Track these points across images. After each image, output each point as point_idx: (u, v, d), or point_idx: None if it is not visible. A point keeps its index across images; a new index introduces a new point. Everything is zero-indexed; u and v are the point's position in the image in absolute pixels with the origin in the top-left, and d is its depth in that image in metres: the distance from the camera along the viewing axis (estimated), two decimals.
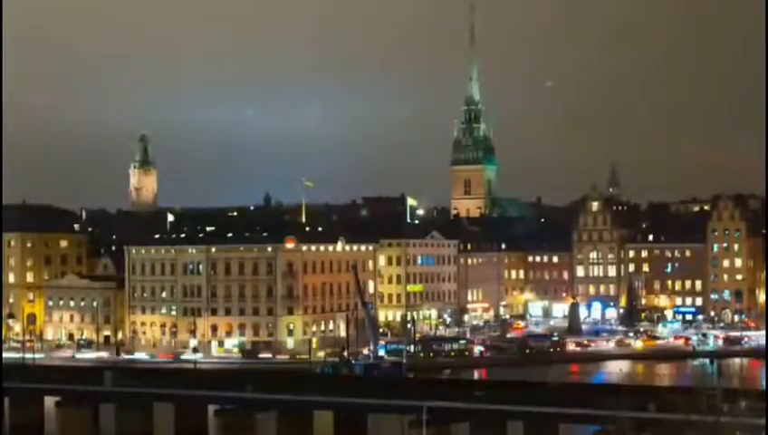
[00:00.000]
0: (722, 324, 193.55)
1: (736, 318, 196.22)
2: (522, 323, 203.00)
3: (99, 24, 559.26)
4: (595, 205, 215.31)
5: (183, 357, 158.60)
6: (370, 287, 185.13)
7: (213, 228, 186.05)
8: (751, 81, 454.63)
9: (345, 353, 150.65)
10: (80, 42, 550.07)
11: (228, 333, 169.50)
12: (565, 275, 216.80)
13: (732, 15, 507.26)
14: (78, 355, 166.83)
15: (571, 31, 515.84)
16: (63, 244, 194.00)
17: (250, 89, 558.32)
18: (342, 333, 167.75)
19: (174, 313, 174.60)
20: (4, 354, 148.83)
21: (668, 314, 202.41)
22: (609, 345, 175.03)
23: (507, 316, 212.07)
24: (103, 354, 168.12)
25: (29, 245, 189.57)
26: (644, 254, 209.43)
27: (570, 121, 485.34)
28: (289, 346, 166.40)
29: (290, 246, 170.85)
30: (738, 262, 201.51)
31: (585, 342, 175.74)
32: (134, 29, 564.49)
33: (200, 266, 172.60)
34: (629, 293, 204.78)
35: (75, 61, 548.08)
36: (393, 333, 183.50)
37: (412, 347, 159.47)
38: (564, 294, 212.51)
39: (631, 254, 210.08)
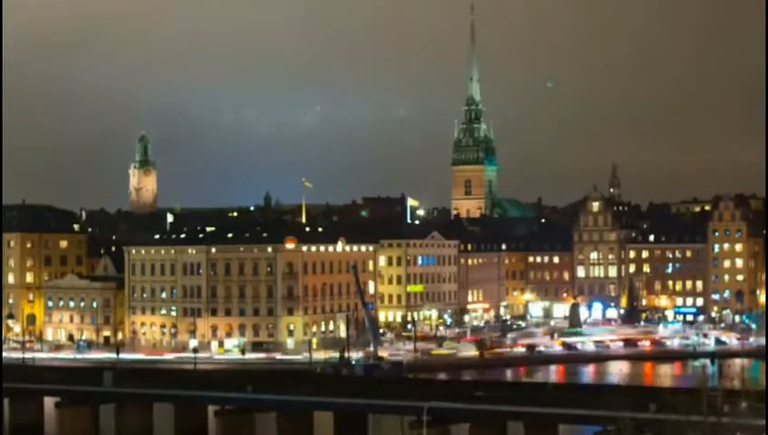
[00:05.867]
0: (722, 325, 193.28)
1: (737, 319, 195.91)
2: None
3: (99, 24, 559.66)
4: (596, 205, 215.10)
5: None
6: (371, 288, 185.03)
7: (213, 228, 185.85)
8: (752, 81, 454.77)
9: (346, 354, 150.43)
10: (80, 42, 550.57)
11: (228, 334, 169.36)
12: (566, 275, 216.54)
13: (733, 16, 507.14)
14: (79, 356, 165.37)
15: (571, 31, 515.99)
16: (63, 244, 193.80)
17: (250, 89, 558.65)
18: (342, 334, 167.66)
19: (174, 313, 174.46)
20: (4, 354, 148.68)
21: (669, 314, 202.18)
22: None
23: (508, 317, 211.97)
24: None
25: (29, 245, 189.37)
26: (645, 254, 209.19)
27: (570, 121, 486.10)
28: (289, 347, 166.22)
29: (290, 246, 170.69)
30: (739, 262, 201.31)
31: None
32: (134, 29, 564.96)
33: (200, 267, 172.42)
34: (630, 293, 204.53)
35: (75, 60, 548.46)
36: (393, 333, 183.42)
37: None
38: (565, 295, 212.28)
39: (632, 254, 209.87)
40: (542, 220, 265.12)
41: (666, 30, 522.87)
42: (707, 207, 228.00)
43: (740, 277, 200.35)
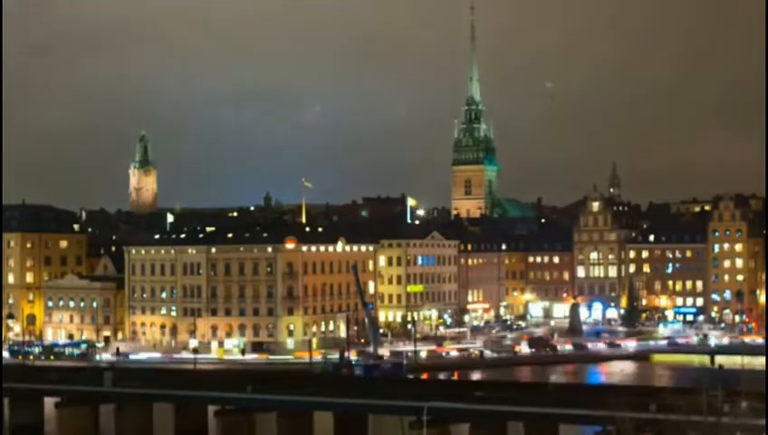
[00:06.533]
0: (722, 325, 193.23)
1: (737, 319, 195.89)
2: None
3: (99, 24, 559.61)
4: (596, 205, 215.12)
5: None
6: (371, 288, 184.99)
7: (213, 228, 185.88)
8: (751, 80, 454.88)
9: (346, 354, 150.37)
10: (80, 42, 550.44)
11: (228, 334, 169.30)
12: (566, 275, 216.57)
13: (732, 15, 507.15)
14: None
15: (571, 31, 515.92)
16: (63, 244, 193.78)
17: (250, 89, 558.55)
18: (343, 334, 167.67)
19: (174, 313, 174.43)
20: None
21: (669, 314, 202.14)
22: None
23: (508, 317, 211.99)
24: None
25: (29, 245, 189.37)
26: (645, 254, 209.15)
27: (570, 121, 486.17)
28: (289, 347, 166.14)
29: (290, 246, 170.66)
30: (739, 262, 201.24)
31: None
32: (134, 30, 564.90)
33: (200, 267, 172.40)
34: (630, 293, 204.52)
35: (75, 61, 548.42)
36: (393, 333, 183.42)
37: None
38: (565, 295, 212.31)
39: (632, 254, 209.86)
40: (542, 220, 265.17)
41: (665, 30, 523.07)
42: (707, 207, 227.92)
43: (740, 277, 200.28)
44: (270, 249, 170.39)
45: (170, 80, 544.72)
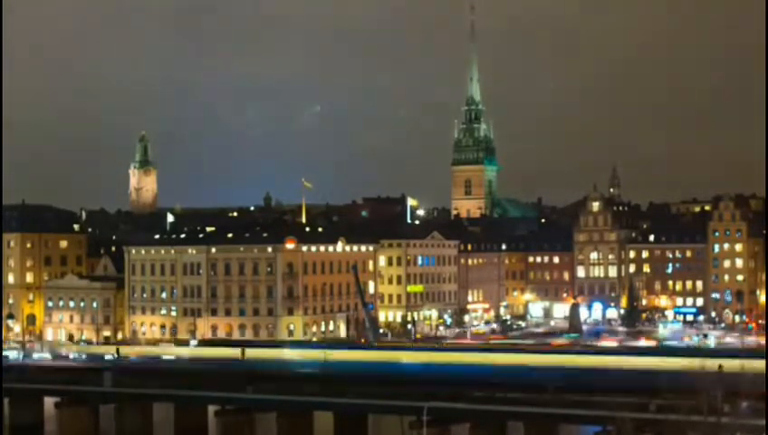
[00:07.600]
0: (723, 325, 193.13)
1: (737, 319, 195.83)
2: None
3: (99, 25, 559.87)
4: (596, 205, 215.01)
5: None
6: (371, 288, 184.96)
7: (213, 228, 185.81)
8: (751, 80, 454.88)
9: None
10: (80, 42, 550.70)
11: (228, 334, 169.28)
12: (566, 275, 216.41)
13: (732, 16, 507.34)
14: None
15: (571, 31, 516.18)
16: (63, 244, 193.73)
17: (250, 89, 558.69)
18: (343, 334, 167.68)
19: (174, 313, 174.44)
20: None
21: (669, 314, 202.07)
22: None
23: (508, 317, 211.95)
24: None
25: (29, 245, 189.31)
26: (645, 254, 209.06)
27: (570, 121, 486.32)
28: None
29: (290, 246, 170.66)
30: (739, 262, 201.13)
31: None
32: (134, 30, 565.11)
33: (200, 267, 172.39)
34: (630, 293, 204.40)
35: (75, 61, 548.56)
36: (393, 333, 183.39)
37: None
38: (565, 295, 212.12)
39: (632, 254, 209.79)
40: (542, 220, 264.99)
41: (665, 30, 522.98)
42: (707, 207, 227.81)
43: (740, 277, 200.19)
44: (270, 249, 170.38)
45: (170, 79, 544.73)
